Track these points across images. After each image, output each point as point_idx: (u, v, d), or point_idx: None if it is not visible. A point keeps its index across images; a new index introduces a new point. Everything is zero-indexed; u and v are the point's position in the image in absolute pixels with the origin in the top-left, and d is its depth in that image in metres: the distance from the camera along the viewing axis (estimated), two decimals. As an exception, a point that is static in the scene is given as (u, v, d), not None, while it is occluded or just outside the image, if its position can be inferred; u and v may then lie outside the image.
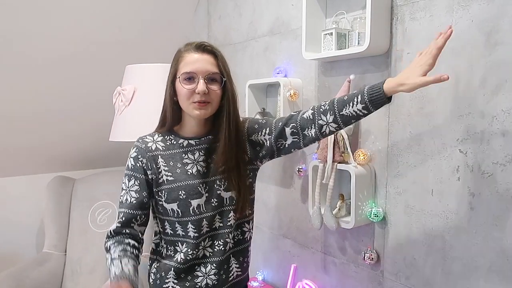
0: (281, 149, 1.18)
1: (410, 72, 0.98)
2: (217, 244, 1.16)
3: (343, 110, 1.05)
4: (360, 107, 1.02)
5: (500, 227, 1.09)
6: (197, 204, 1.13)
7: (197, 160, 1.15)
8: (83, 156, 2.54)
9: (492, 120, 1.09)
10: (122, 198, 1.14)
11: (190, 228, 1.13)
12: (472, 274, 1.16)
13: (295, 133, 1.14)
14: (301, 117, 1.13)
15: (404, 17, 1.29)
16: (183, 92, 1.09)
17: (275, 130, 1.17)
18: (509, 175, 1.07)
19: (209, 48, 1.12)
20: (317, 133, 1.10)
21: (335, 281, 1.58)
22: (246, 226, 1.22)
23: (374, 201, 1.41)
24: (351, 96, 1.05)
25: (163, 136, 1.17)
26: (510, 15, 1.04)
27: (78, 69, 2.11)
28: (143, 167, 1.13)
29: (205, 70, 1.09)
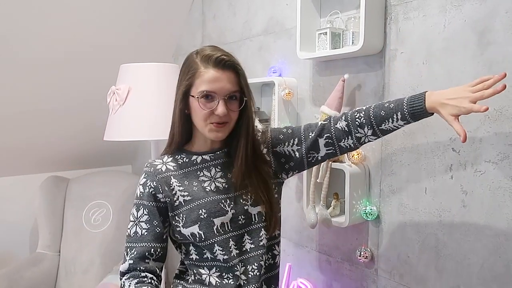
0: (312, 162, 1.12)
1: (453, 96, 0.92)
2: (251, 270, 1.04)
3: (382, 125, 1.02)
4: (402, 123, 1.00)
5: (492, 224, 1.10)
6: (220, 223, 1.01)
7: (214, 177, 1.06)
8: (77, 156, 2.53)
9: (484, 119, 1.10)
10: (130, 231, 1.03)
11: (217, 251, 1.01)
12: (464, 272, 1.17)
13: (330, 144, 1.08)
14: (335, 128, 1.07)
15: (398, 16, 1.30)
16: (200, 112, 0.99)
17: (305, 141, 1.09)
18: (501, 173, 1.08)
19: (230, 63, 1.01)
20: (356, 144, 1.07)
21: (330, 280, 1.59)
22: (276, 249, 1.12)
23: (368, 200, 1.41)
24: (389, 112, 1.00)
25: (173, 156, 1.08)
26: (502, 14, 1.05)
27: (72, 68, 2.10)
28: (151, 193, 1.03)
29: (225, 90, 0.99)
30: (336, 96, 1.37)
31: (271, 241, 1.10)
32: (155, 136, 1.58)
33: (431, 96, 0.95)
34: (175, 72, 1.65)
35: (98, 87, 1.96)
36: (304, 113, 1.65)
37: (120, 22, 2.09)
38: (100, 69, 2.11)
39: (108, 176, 2.43)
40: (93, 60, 2.13)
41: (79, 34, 2.01)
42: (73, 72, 2.11)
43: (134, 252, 1.01)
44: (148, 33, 2.22)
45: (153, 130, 1.57)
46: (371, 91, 1.39)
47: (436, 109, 0.94)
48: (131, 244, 1.02)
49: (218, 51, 1.02)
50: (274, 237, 1.12)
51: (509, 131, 1.06)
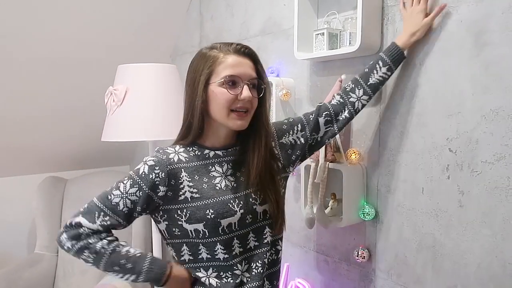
0: (313, 146, 1.17)
1: (413, 23, 1.19)
2: (255, 267, 1.04)
3: (369, 80, 1.18)
4: (385, 69, 1.18)
5: (489, 224, 1.11)
6: (227, 223, 1.00)
7: (225, 174, 1.03)
8: (75, 157, 2.53)
9: (481, 119, 1.11)
10: (111, 197, 0.99)
11: (219, 249, 1.00)
12: (461, 271, 1.18)
13: (328, 121, 1.16)
14: (331, 105, 1.19)
15: (395, 17, 1.30)
16: (225, 97, 0.97)
17: (308, 124, 1.14)
18: (497, 173, 1.08)
19: (248, 51, 1.01)
20: (351, 112, 1.18)
21: (328, 280, 1.60)
22: (279, 244, 1.12)
23: (365, 200, 1.42)
24: (371, 66, 1.20)
25: (185, 148, 1.05)
26: (498, 15, 1.06)
27: (70, 69, 2.10)
28: (155, 182, 0.98)
29: (248, 75, 0.99)
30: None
31: (275, 237, 1.10)
32: (153, 136, 1.58)
33: (399, 39, 1.21)
34: (172, 73, 1.66)
35: (96, 87, 1.96)
36: (302, 113, 1.65)
37: (117, 22, 2.09)
38: (98, 70, 2.11)
39: (106, 176, 2.43)
40: (90, 60, 2.13)
41: (77, 35, 2.01)
42: (71, 72, 2.11)
43: (108, 222, 0.98)
44: (146, 33, 2.22)
45: (151, 131, 1.57)
46: (368, 92, 1.39)
47: (411, 42, 1.20)
48: (107, 211, 0.98)
49: (232, 42, 1.02)
50: (280, 232, 1.12)
51: (505, 131, 1.06)
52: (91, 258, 0.97)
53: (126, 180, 1.00)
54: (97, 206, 0.99)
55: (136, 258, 0.99)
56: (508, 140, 1.05)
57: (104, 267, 0.98)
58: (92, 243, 0.97)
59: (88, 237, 0.97)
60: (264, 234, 1.06)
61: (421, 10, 1.18)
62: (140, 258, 0.99)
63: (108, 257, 0.97)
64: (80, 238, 0.97)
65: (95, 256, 0.97)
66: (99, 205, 0.99)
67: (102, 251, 0.97)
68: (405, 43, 1.19)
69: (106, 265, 0.97)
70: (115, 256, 0.97)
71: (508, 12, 1.04)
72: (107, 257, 0.97)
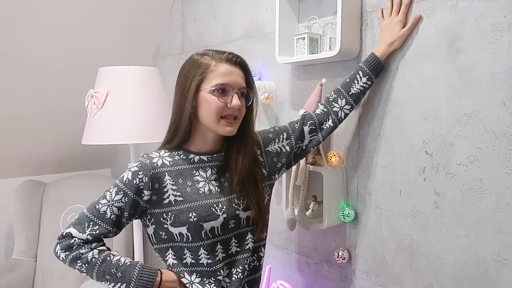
0: (298, 154, 1.20)
1: (391, 33, 1.23)
2: (235, 272, 1.05)
3: (351, 90, 1.23)
4: (365, 79, 1.22)
5: (463, 225, 1.14)
6: (210, 227, 1.01)
7: (209, 179, 1.05)
8: (54, 160, 2.49)
9: (455, 123, 1.15)
10: (99, 207, 1.01)
11: (202, 254, 1.02)
12: (438, 271, 1.21)
13: (313, 130, 1.20)
14: (316, 114, 1.23)
15: (373, 23, 1.33)
16: (215, 104, 0.99)
17: (293, 132, 1.18)
18: (471, 175, 1.12)
19: (240, 60, 1.05)
20: (335, 121, 1.23)
21: (309, 281, 1.61)
22: (262, 251, 1.14)
23: (345, 202, 1.44)
24: (352, 77, 1.24)
25: (170, 152, 1.07)
26: (471, 22, 1.10)
27: (49, 71, 2.07)
28: (139, 187, 1.00)
29: (238, 84, 1.03)
30: (314, 100, 1.40)
31: (258, 243, 1.12)
32: (134, 139, 1.57)
33: (377, 49, 1.25)
34: (154, 76, 1.65)
35: (76, 90, 1.94)
36: (283, 117, 1.67)
37: (98, 24, 2.07)
38: (78, 72, 2.09)
39: (87, 180, 2.40)
40: (70, 62, 2.10)
41: (57, 37, 1.98)
42: (50, 75, 2.08)
43: (97, 231, 1.00)
44: (127, 36, 2.21)
45: (132, 134, 1.56)
46: (348, 96, 1.42)
47: (388, 52, 1.25)
48: (96, 220, 1.01)
49: (224, 51, 1.05)
50: (261, 239, 1.14)
51: (478, 135, 1.10)
52: (84, 268, 1.00)
53: (112, 188, 1.02)
54: (86, 216, 1.02)
55: (126, 266, 1.00)
56: (481, 143, 1.09)
57: (97, 276, 1.00)
58: (84, 253, 0.99)
59: (79, 247, 1.00)
60: (246, 240, 1.07)
61: (399, 20, 1.22)
62: (130, 267, 1.01)
63: (99, 267, 0.99)
64: (72, 248, 1.00)
65: (87, 266, 1.00)
66: (88, 215, 1.02)
67: (93, 261, 0.99)
68: (383, 53, 1.24)
69: (98, 274, 1.00)
70: (106, 265, 0.99)
71: (480, 20, 1.08)
72: (98, 266, 0.99)
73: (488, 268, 1.09)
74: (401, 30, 1.22)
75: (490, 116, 1.07)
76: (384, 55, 1.24)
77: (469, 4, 1.10)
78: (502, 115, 1.05)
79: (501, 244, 1.07)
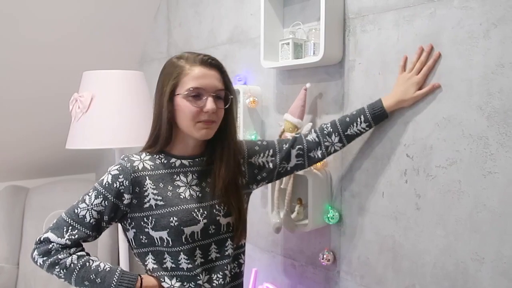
0: (282, 173, 1.20)
1: (405, 91, 1.17)
2: (216, 278, 1.05)
3: (347, 130, 1.20)
4: (364, 125, 1.20)
5: (443, 225, 1.18)
6: (190, 232, 1.01)
7: (190, 184, 1.05)
8: (37, 164, 2.46)
9: (435, 126, 1.18)
10: (78, 211, 0.99)
11: (182, 259, 1.02)
12: (419, 271, 1.24)
13: (300, 155, 1.18)
14: (306, 140, 1.21)
15: (356, 29, 1.37)
16: (189, 110, 0.98)
17: (279, 152, 1.16)
18: (450, 177, 1.15)
19: (214, 62, 1.03)
20: (324, 154, 1.22)
21: (295, 283, 1.63)
22: (242, 257, 1.14)
23: (330, 204, 1.47)
24: (352, 117, 1.20)
25: (151, 155, 1.05)
26: (449, 30, 1.13)
27: (33, 74, 2.04)
28: (119, 190, 0.99)
29: (213, 87, 1.00)
30: (299, 104, 1.42)
31: (237, 250, 1.13)
32: (119, 144, 1.57)
33: (387, 100, 1.20)
34: (140, 80, 1.65)
35: (60, 94, 1.92)
36: (269, 121, 1.69)
37: (83, 27, 2.06)
38: (62, 76, 2.07)
39: (71, 184, 2.37)
40: (54, 66, 2.08)
41: (41, 40, 1.96)
42: (33, 78, 2.06)
43: (75, 236, 0.99)
44: (113, 39, 2.20)
45: (117, 138, 1.55)
46: (331, 100, 1.44)
47: (396, 108, 1.20)
48: (75, 224, 0.99)
49: (200, 53, 1.04)
50: (241, 246, 1.14)
51: (456, 138, 1.13)
52: (62, 273, 0.99)
53: (91, 192, 1.01)
54: (64, 221, 1.00)
55: (105, 272, 0.99)
56: (459, 146, 1.13)
57: (75, 282, 0.99)
58: (62, 259, 0.98)
59: (57, 252, 0.98)
60: (226, 246, 1.08)
61: (417, 82, 1.16)
62: (110, 273, 1.00)
63: (78, 272, 0.98)
64: (50, 254, 0.99)
65: (65, 272, 0.98)
66: (66, 220, 1.00)
67: (72, 267, 0.98)
68: (391, 106, 1.20)
69: (76, 280, 0.99)
70: (84, 271, 0.98)
71: (457, 27, 1.12)
72: (77, 272, 0.98)
73: (466, 267, 1.13)
74: (416, 92, 1.16)
75: (468, 120, 1.11)
76: (391, 109, 1.20)
77: (446, 12, 1.14)
78: (478, 119, 1.09)
79: (478, 244, 1.10)
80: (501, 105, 1.05)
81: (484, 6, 1.06)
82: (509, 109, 1.03)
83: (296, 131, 1.40)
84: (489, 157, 1.07)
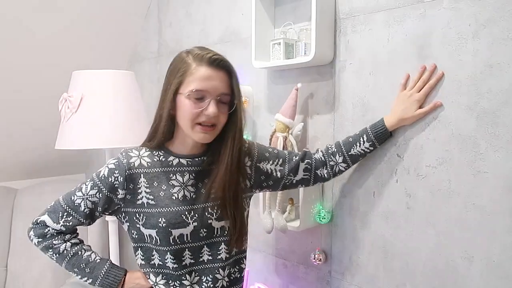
0: (287, 185, 1.19)
1: (406, 109, 1.16)
2: (205, 281, 1.05)
3: (351, 150, 1.20)
4: (368, 145, 1.20)
5: (433, 225, 1.18)
6: (179, 234, 1.00)
7: (185, 184, 1.03)
8: (26, 165, 2.42)
9: (425, 127, 1.19)
10: (74, 198, 1.03)
11: (168, 258, 1.02)
12: (409, 270, 1.25)
13: (307, 170, 1.18)
14: (314, 158, 1.22)
15: (347, 29, 1.37)
16: (190, 111, 0.96)
17: (288, 163, 1.16)
18: (439, 177, 1.16)
19: (223, 63, 0.98)
20: (330, 173, 1.22)
21: (286, 283, 1.63)
22: (243, 262, 1.14)
23: (321, 204, 1.47)
24: (356, 138, 1.21)
25: (150, 152, 1.04)
26: (438, 31, 1.14)
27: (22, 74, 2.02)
28: (114, 185, 1.00)
29: (218, 90, 0.96)
30: (290, 104, 1.42)
31: (239, 255, 1.12)
32: (109, 144, 1.55)
33: (388, 119, 1.19)
34: (130, 79, 1.64)
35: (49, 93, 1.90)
36: (260, 121, 1.69)
37: (73, 27, 2.04)
38: (51, 75, 2.05)
39: (60, 185, 2.33)
40: (43, 65, 2.05)
41: (29, 39, 1.94)
42: (22, 78, 2.03)
43: (70, 222, 1.04)
44: (103, 39, 2.18)
45: (107, 138, 1.54)
46: (322, 100, 1.45)
47: (398, 126, 1.20)
48: (70, 211, 1.04)
49: (211, 50, 0.99)
50: (243, 251, 1.13)
51: (446, 138, 1.14)
52: (55, 257, 1.06)
53: (88, 181, 1.04)
54: (61, 206, 1.05)
55: (95, 264, 1.06)
56: (449, 145, 1.14)
57: (65, 267, 1.07)
58: (56, 244, 1.05)
59: (52, 237, 1.05)
60: (219, 250, 1.06)
61: (418, 99, 1.15)
62: (99, 264, 1.06)
63: (70, 259, 1.05)
64: (45, 237, 1.05)
65: (57, 256, 1.06)
66: (63, 205, 1.05)
67: (64, 253, 1.05)
68: (393, 125, 1.19)
69: (67, 265, 1.06)
70: (76, 259, 1.05)
71: (447, 28, 1.13)
72: (69, 259, 1.06)
73: (456, 265, 1.14)
74: (417, 110, 1.15)
75: (457, 120, 1.12)
76: (393, 127, 1.20)
77: (436, 13, 1.15)
78: (468, 119, 1.10)
79: (468, 243, 1.11)
80: (489, 105, 1.06)
81: (473, 7, 1.07)
82: (498, 109, 1.04)
83: (288, 131, 1.40)
84: (478, 156, 1.08)
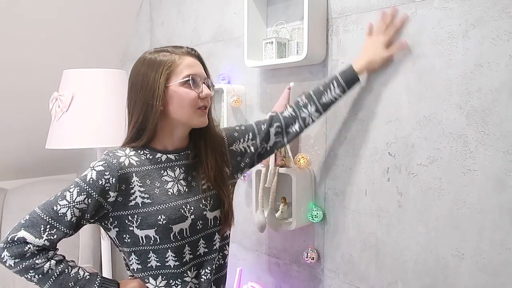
0: (262, 154, 1.20)
1: (372, 52, 1.20)
2: (204, 273, 1.05)
3: (322, 98, 1.21)
4: (338, 90, 1.20)
5: (424, 222, 1.20)
6: (179, 229, 0.99)
7: (178, 178, 1.03)
8: (16, 165, 2.40)
9: (416, 125, 1.20)
10: (58, 208, 0.93)
11: (170, 256, 0.99)
12: (401, 267, 1.26)
13: (279, 133, 1.19)
14: (283, 116, 1.22)
15: (339, 29, 1.38)
16: (189, 96, 0.99)
17: (259, 133, 1.17)
18: (430, 175, 1.17)
19: (198, 53, 1.07)
20: (301, 126, 1.22)
21: (279, 282, 1.63)
22: (227, 249, 1.14)
23: (314, 203, 1.47)
24: (326, 85, 1.21)
25: (135, 151, 1.02)
26: (429, 30, 1.15)
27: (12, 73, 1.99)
28: (104, 188, 0.95)
29: (202, 75, 1.04)
30: (282, 103, 1.42)
31: (223, 242, 1.12)
32: (101, 143, 1.54)
33: (357, 63, 1.21)
34: (121, 78, 1.63)
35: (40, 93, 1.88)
36: (253, 120, 1.66)
37: (64, 25, 2.02)
38: (42, 74, 2.03)
39: (51, 185, 2.31)
40: (33, 64, 2.03)
41: (19, 36, 1.92)
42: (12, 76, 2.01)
43: (55, 236, 0.93)
44: (95, 38, 2.16)
45: (99, 138, 1.53)
46: (315, 99, 1.45)
47: (366, 69, 1.22)
48: (54, 223, 0.92)
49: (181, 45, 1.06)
50: (226, 237, 1.14)
51: (436, 136, 1.16)
52: (36, 278, 0.93)
53: (73, 188, 0.95)
54: (41, 218, 0.93)
55: (85, 281, 0.96)
56: (440, 144, 1.15)
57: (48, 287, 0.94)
58: (39, 263, 0.92)
59: (33, 256, 0.92)
60: (214, 241, 1.07)
61: (384, 41, 1.19)
62: (90, 282, 0.97)
63: (56, 279, 0.93)
64: (24, 256, 0.91)
65: (40, 277, 0.93)
66: (43, 217, 0.93)
67: (50, 273, 0.93)
68: (362, 67, 1.20)
69: (52, 286, 0.94)
70: (63, 278, 0.94)
71: (438, 27, 1.14)
72: (54, 278, 0.93)
73: (447, 263, 1.15)
74: (386, 53, 1.20)
75: (448, 119, 1.13)
76: (362, 71, 1.21)
77: (427, 13, 1.16)
78: (458, 118, 1.11)
79: (458, 240, 1.13)
80: (479, 104, 1.07)
81: (463, 7, 1.08)
82: (488, 108, 1.06)
83: (280, 130, 1.40)
84: (468, 155, 1.10)
